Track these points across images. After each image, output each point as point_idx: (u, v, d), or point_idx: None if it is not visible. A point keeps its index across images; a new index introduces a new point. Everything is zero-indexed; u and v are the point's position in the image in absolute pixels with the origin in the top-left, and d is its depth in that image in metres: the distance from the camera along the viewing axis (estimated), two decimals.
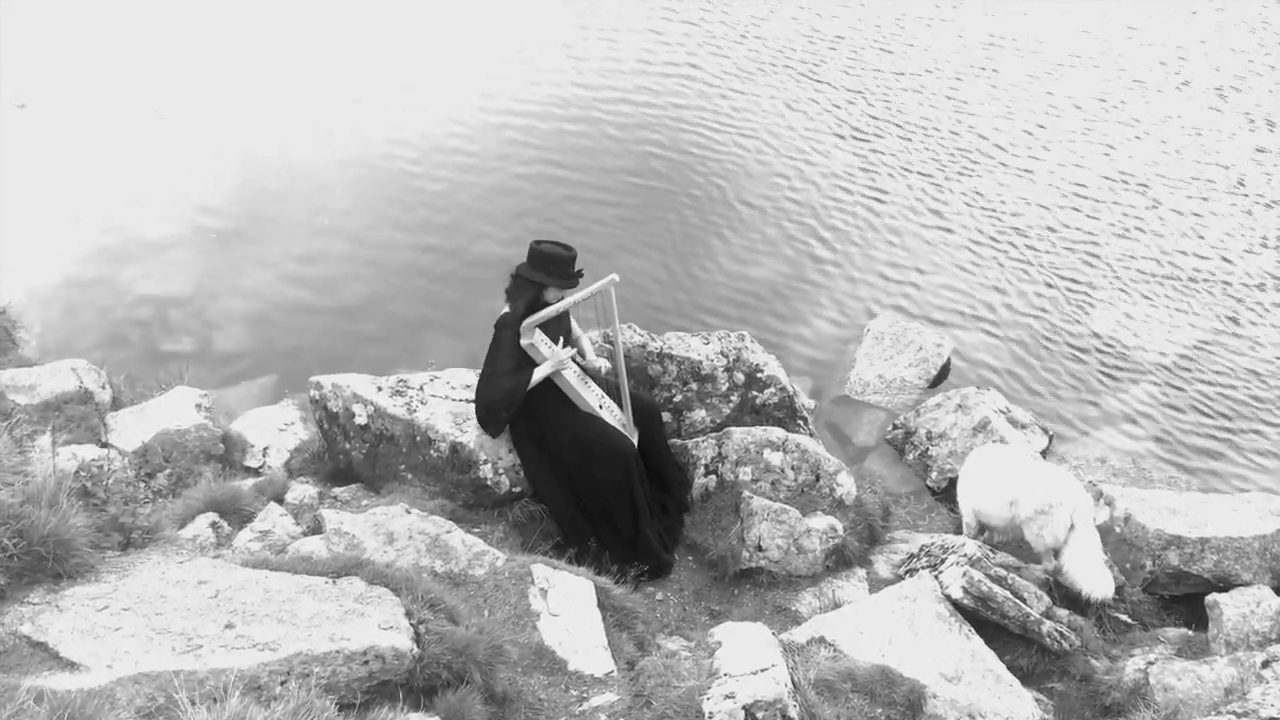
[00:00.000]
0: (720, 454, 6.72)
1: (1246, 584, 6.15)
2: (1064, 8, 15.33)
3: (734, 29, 13.87)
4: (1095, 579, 5.92)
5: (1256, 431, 8.36)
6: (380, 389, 6.58)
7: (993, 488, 6.33)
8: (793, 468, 6.70)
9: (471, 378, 6.57)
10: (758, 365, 7.23)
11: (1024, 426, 7.88)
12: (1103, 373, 8.82)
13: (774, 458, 6.69)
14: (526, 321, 5.92)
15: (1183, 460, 8.08)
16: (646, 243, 9.84)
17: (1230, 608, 5.83)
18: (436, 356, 7.64)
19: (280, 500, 6.00)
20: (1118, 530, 6.51)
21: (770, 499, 6.46)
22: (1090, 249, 10.22)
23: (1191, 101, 12.95)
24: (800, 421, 7.44)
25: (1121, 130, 12.26)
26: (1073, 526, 5.95)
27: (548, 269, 5.94)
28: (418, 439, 6.32)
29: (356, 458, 6.53)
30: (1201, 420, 8.44)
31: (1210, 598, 5.95)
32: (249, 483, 6.26)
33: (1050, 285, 9.73)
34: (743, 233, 10.16)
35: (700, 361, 7.04)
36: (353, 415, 6.45)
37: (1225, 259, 10.20)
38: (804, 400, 7.70)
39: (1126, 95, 13.00)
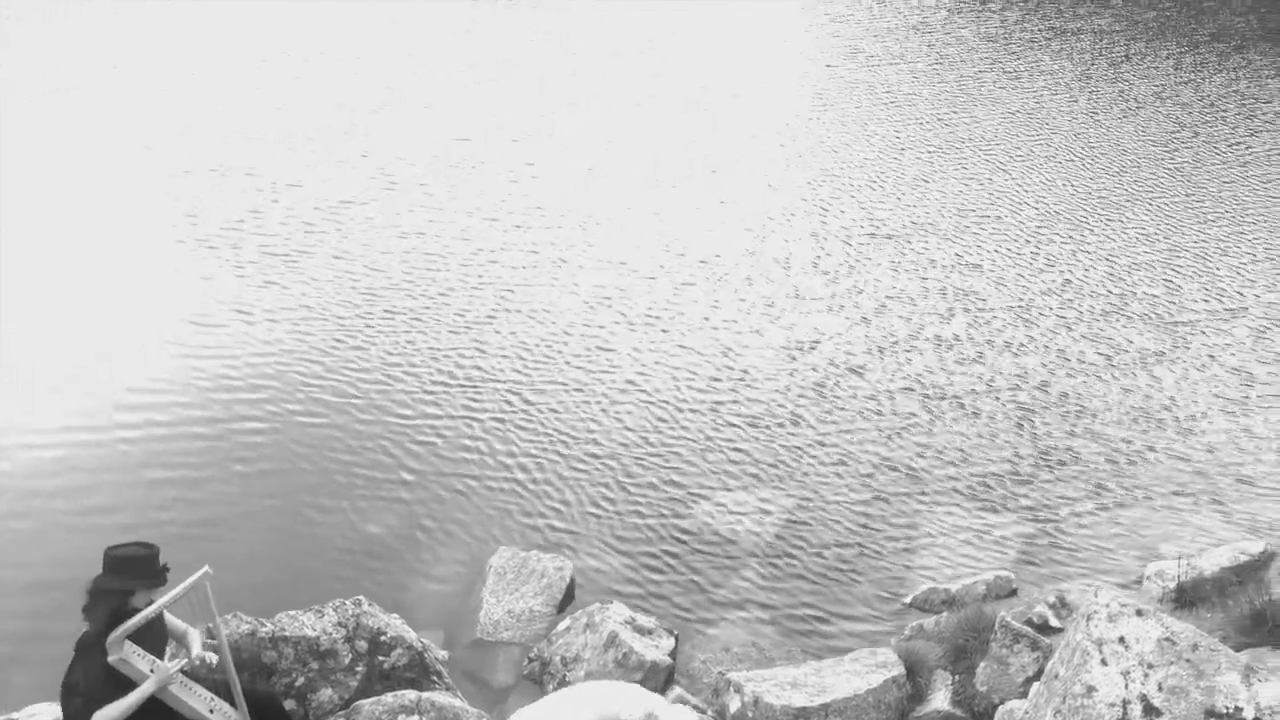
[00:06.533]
0: None
1: None
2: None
3: (298, 278, 13.98)
4: None
5: (845, 593, 9.17)
6: None
7: None
8: None
9: (58, 711, 5.85)
10: (380, 629, 7.02)
11: (650, 632, 8.14)
12: (711, 566, 9.37)
13: None
14: (112, 636, 5.38)
15: (793, 632, 8.68)
16: (244, 523, 9.40)
17: None
18: (12, 697, 6.80)
19: None
20: (750, 716, 6.82)
21: None
22: (676, 449, 10.98)
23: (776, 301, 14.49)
24: (434, 677, 7.25)
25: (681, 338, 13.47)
26: None
27: (130, 572, 5.48)
28: None
29: None
30: (800, 591, 9.14)
31: None
32: None
33: (651, 488, 10.32)
34: (349, 492, 9.98)
35: (317, 637, 6.73)
36: None
37: (796, 443, 11.34)
38: (436, 653, 7.54)
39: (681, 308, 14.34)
